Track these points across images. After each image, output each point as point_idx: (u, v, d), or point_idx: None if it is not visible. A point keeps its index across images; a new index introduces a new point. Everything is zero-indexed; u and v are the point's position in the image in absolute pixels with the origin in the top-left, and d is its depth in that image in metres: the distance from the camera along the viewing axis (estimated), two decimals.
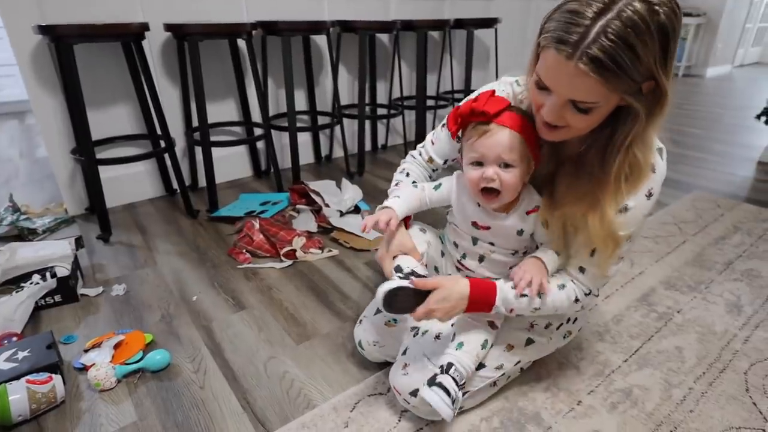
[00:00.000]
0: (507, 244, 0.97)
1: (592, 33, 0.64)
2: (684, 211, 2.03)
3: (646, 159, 0.77)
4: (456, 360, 0.92)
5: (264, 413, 1.03)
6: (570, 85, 0.69)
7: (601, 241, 0.81)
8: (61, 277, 1.39)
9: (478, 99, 0.85)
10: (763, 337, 1.26)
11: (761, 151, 2.74)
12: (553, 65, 0.69)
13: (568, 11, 0.66)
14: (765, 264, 1.62)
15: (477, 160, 0.87)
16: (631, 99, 0.69)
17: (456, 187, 0.99)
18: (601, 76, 0.65)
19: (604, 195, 0.79)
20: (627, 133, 0.73)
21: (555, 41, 0.67)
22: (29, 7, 1.71)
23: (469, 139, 0.87)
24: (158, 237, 1.84)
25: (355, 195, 2.06)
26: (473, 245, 1.00)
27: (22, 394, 0.98)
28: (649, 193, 0.82)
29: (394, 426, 0.99)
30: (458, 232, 1.02)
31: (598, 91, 0.68)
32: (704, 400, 1.05)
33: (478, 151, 0.85)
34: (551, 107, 0.74)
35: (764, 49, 7.46)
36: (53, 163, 1.94)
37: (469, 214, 0.97)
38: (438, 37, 3.03)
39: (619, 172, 0.77)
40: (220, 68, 2.24)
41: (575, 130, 0.77)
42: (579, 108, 0.72)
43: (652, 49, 0.64)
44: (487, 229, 0.95)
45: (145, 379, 1.13)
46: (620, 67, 0.64)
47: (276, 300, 1.44)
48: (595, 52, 0.63)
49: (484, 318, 0.97)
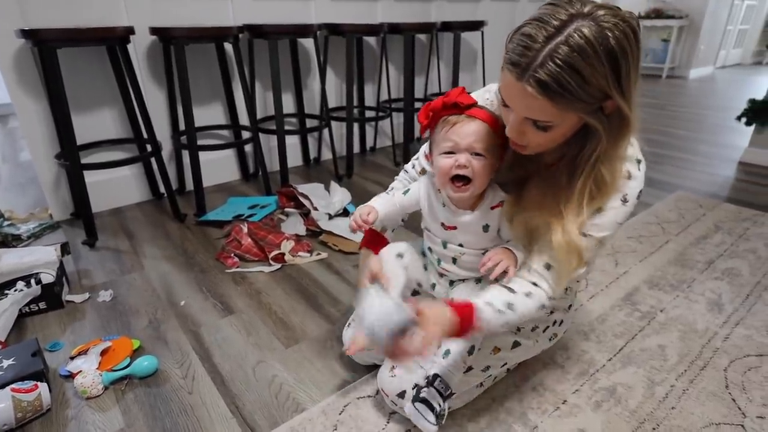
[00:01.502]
0: (476, 243, 0.98)
1: (540, 57, 0.66)
2: (667, 211, 2.07)
3: (613, 176, 0.78)
4: (442, 371, 0.92)
5: (253, 417, 1.03)
6: (522, 104, 0.72)
7: (564, 253, 0.81)
8: (46, 284, 1.38)
9: (448, 95, 0.88)
10: (743, 335, 1.29)
11: (742, 151, 2.80)
12: (508, 85, 0.73)
13: (522, 34, 0.69)
14: (745, 263, 1.66)
15: (449, 149, 0.89)
16: (590, 118, 0.71)
17: (424, 189, 1.02)
18: (547, 98, 0.68)
19: (567, 209, 0.80)
20: (592, 151, 0.75)
21: (509, 62, 0.70)
22: (11, 10, 1.69)
23: (441, 131, 0.90)
24: (145, 242, 1.83)
25: (343, 198, 2.07)
26: (444, 249, 1.01)
27: (7, 403, 0.97)
28: (624, 198, 0.82)
29: (383, 428, 0.99)
30: (431, 236, 1.04)
31: (549, 111, 0.70)
32: (685, 398, 1.08)
33: (450, 139, 0.87)
34: (511, 124, 0.77)
35: (745, 51, 7.61)
36: (37, 168, 1.92)
37: (437, 215, 0.99)
38: (425, 40, 3.05)
39: (583, 188, 0.78)
40: (206, 72, 2.23)
41: (539, 146, 0.79)
42: (537, 125, 0.74)
43: (601, 72, 0.66)
44: (454, 228, 0.97)
45: (133, 385, 1.13)
46: (566, 89, 0.66)
47: (265, 304, 1.44)
48: (542, 75, 0.66)
49: None
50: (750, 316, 1.36)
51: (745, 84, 5.68)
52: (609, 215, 0.83)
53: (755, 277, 1.57)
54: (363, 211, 1.00)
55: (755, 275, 1.58)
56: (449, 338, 0.84)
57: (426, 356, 0.79)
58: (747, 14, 6.98)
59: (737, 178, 2.51)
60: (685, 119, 3.82)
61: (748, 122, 2.66)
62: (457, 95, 0.87)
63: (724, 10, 6.27)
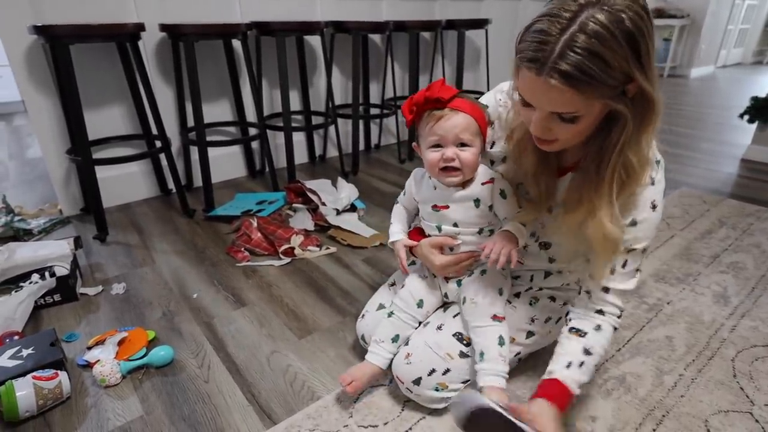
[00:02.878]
0: (469, 219, 1.00)
1: (558, 48, 0.66)
2: (672, 207, 2.08)
3: (640, 162, 0.78)
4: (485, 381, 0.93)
5: (269, 405, 1.05)
6: (546, 98, 0.72)
7: (600, 245, 0.82)
8: (60, 277, 1.40)
9: (430, 88, 0.91)
10: (749, 326, 1.31)
11: (745, 148, 2.82)
12: (528, 83, 0.73)
13: (535, 31, 0.69)
14: (750, 257, 1.68)
15: (436, 143, 0.93)
16: (615, 103, 0.71)
17: (413, 181, 1.08)
18: (572, 87, 0.67)
19: (600, 199, 0.80)
20: (619, 136, 0.75)
21: (526, 60, 0.70)
22: (22, 7, 1.71)
23: (426, 126, 0.94)
24: (155, 236, 1.85)
25: (350, 193, 2.09)
26: (439, 233, 1.03)
27: (28, 390, 0.99)
28: (653, 205, 0.84)
29: (398, 415, 1.01)
30: (426, 224, 1.06)
31: (574, 101, 0.70)
32: (694, 386, 1.09)
33: (436, 133, 0.92)
34: (537, 121, 0.76)
35: (746, 50, 7.63)
36: (48, 164, 1.94)
37: (428, 199, 1.02)
38: (429, 38, 3.06)
39: (612, 175, 0.78)
40: (214, 68, 2.25)
41: (567, 140, 0.79)
42: (563, 118, 0.74)
43: (621, 54, 0.66)
44: (447, 208, 1.00)
45: (150, 374, 1.15)
46: (590, 76, 0.66)
47: (276, 296, 1.46)
48: (563, 66, 0.66)
49: (487, 312, 0.98)
50: (756, 308, 1.38)
51: (746, 83, 5.70)
52: (644, 227, 0.85)
53: (760, 270, 1.59)
54: (402, 257, 1.08)
55: (760, 269, 1.59)
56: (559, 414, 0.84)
57: None
58: (748, 14, 7.00)
59: (740, 174, 2.53)
60: (687, 117, 3.84)
61: (750, 120, 2.68)
62: (438, 89, 0.90)
63: (725, 10, 6.29)
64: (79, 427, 1.00)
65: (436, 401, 0.99)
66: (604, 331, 0.89)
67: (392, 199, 1.09)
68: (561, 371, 0.87)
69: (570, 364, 0.87)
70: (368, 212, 2.05)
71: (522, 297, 1.08)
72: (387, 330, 1.05)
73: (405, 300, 1.07)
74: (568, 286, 1.10)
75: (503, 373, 0.94)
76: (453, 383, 0.98)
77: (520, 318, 1.06)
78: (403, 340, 1.05)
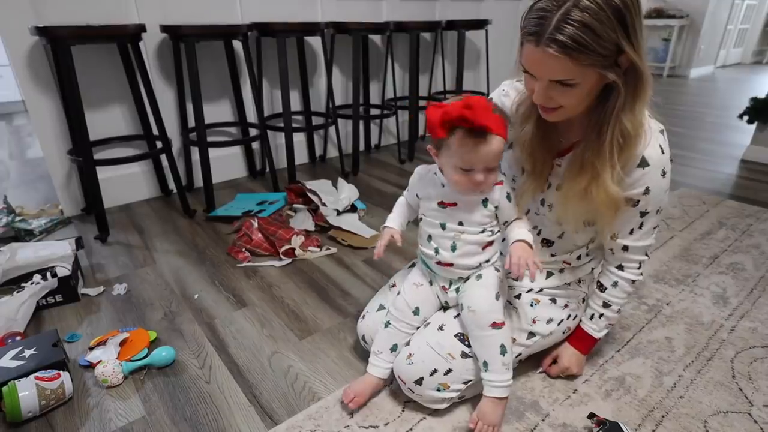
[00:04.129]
0: (474, 219, 0.99)
1: (554, 21, 0.75)
2: (671, 208, 2.09)
3: (635, 128, 0.86)
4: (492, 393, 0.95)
5: (271, 406, 1.06)
6: (545, 67, 0.80)
7: (605, 206, 0.91)
8: (62, 277, 1.40)
9: (472, 108, 0.85)
10: (748, 327, 1.31)
11: (744, 149, 2.83)
12: (529, 54, 0.81)
13: (536, 9, 0.79)
14: (749, 258, 1.68)
15: (466, 168, 0.91)
16: (608, 72, 0.79)
17: (417, 178, 1.07)
18: (566, 55, 0.76)
19: (602, 163, 0.88)
20: (614, 104, 0.83)
21: (528, 34, 0.80)
22: (24, 8, 1.71)
23: (459, 148, 0.89)
24: (156, 237, 1.85)
25: (351, 194, 2.09)
26: (443, 230, 1.01)
27: (31, 391, 1.00)
28: (663, 171, 0.92)
29: (398, 415, 1.02)
30: (429, 221, 1.04)
31: (569, 68, 0.78)
32: (693, 387, 1.10)
33: (469, 162, 0.90)
34: (539, 90, 0.85)
35: (745, 50, 7.64)
36: (49, 164, 1.94)
37: (434, 196, 1.02)
38: (430, 39, 3.07)
39: (612, 140, 0.86)
40: (215, 69, 2.25)
41: (568, 108, 0.86)
42: (563, 84, 0.81)
43: (610, 27, 0.74)
44: (454, 205, 0.99)
45: (152, 375, 1.15)
46: (582, 45, 0.75)
47: (277, 297, 1.47)
48: (558, 36, 0.75)
49: (486, 320, 0.97)
50: (755, 310, 1.39)
51: (746, 83, 5.71)
52: (656, 193, 0.93)
53: (759, 271, 1.59)
54: (384, 241, 1.06)
55: (759, 270, 1.60)
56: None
57: None
58: (747, 14, 7.01)
59: (739, 175, 2.54)
60: (686, 118, 3.85)
61: (750, 120, 2.69)
62: (483, 114, 0.85)
63: (725, 10, 6.30)
64: (82, 427, 1.00)
65: (438, 401, 0.99)
66: (621, 286, 1.05)
67: (392, 200, 1.09)
68: (585, 321, 1.12)
69: (592, 316, 1.10)
70: (368, 213, 2.06)
71: (523, 298, 1.09)
72: (385, 340, 1.06)
73: (401, 309, 1.07)
74: (568, 285, 1.11)
75: (506, 382, 0.96)
76: (455, 383, 0.98)
77: (522, 319, 1.07)
78: (401, 348, 1.05)
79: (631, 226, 0.98)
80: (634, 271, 1.04)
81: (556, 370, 1.12)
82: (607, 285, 1.06)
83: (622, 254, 1.03)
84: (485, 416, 0.94)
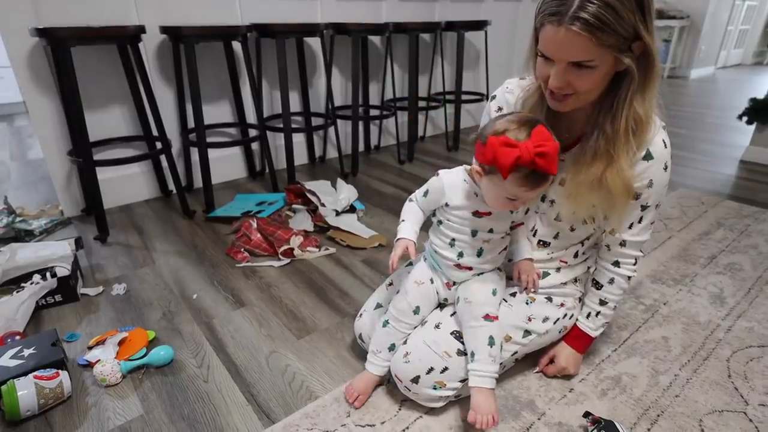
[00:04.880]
0: (503, 226, 1.03)
1: (576, 1, 0.77)
2: (669, 208, 2.09)
3: (647, 114, 0.88)
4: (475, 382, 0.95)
5: (268, 405, 1.06)
6: (565, 47, 0.81)
7: (620, 193, 0.92)
8: (61, 277, 1.41)
9: (546, 156, 0.83)
10: (745, 327, 1.32)
11: (743, 150, 2.83)
12: (549, 35, 0.82)
13: None
14: (747, 258, 1.68)
15: (513, 199, 0.93)
16: (623, 56, 0.81)
17: (445, 186, 1.01)
18: (589, 33, 0.77)
19: (616, 149, 0.90)
20: (626, 92, 0.85)
21: (548, 16, 0.81)
22: (24, 9, 1.72)
23: (517, 185, 0.88)
24: (156, 237, 1.86)
25: (350, 194, 2.10)
26: (473, 238, 1.01)
27: (30, 390, 1.00)
28: (665, 165, 0.95)
29: (395, 414, 1.02)
30: (455, 227, 1.02)
31: (590, 48, 0.79)
32: (689, 386, 1.10)
33: (521, 197, 0.92)
34: (556, 73, 0.85)
35: (746, 51, 7.64)
36: (49, 165, 1.95)
37: (468, 206, 1.00)
38: (429, 39, 3.07)
39: (626, 126, 0.88)
40: (215, 70, 2.26)
41: (582, 94, 0.87)
42: (581, 66, 0.82)
43: (629, 7, 0.77)
44: (489, 214, 1.00)
45: (150, 374, 1.16)
46: (605, 23, 0.76)
47: (275, 297, 1.47)
48: (582, 14, 0.76)
49: (479, 312, 0.99)
50: (752, 309, 1.39)
51: (746, 84, 5.70)
52: (658, 187, 0.96)
53: (757, 271, 1.59)
54: (398, 253, 0.99)
55: (757, 270, 1.60)
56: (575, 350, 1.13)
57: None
58: (748, 14, 7.01)
59: (738, 176, 2.54)
60: (686, 119, 3.85)
61: (749, 121, 2.69)
62: (552, 160, 0.84)
63: (725, 11, 6.30)
64: (80, 426, 1.01)
65: (434, 400, 1.00)
66: (617, 283, 1.07)
67: (391, 201, 1.06)
68: (582, 320, 1.13)
69: (589, 314, 1.11)
70: (367, 213, 2.06)
71: (518, 296, 1.09)
72: (383, 339, 1.06)
73: (401, 309, 1.05)
74: (564, 285, 1.11)
75: (492, 373, 0.95)
76: (451, 382, 0.98)
77: (516, 316, 1.06)
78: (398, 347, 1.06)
79: (631, 219, 1.00)
80: (629, 267, 1.06)
81: (553, 369, 1.12)
82: (603, 282, 1.08)
83: (618, 249, 1.04)
84: (480, 407, 0.93)
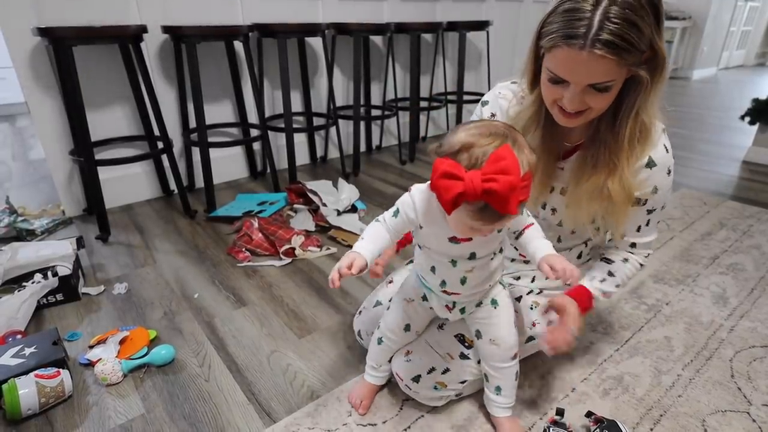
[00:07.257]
0: (489, 248, 0.85)
1: (596, 21, 0.71)
2: (672, 209, 2.09)
3: (652, 121, 0.86)
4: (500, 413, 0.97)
5: (269, 404, 1.06)
6: (587, 70, 0.75)
7: (622, 202, 0.90)
8: (62, 276, 1.41)
9: (497, 194, 0.64)
10: (747, 327, 1.31)
11: (746, 150, 2.82)
12: (567, 59, 0.75)
13: (564, 11, 0.74)
14: (749, 258, 1.68)
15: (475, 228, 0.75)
16: (638, 69, 0.77)
17: (419, 207, 0.82)
18: (615, 55, 0.72)
19: (620, 159, 0.87)
20: (634, 101, 0.81)
21: (564, 38, 0.74)
22: (25, 9, 1.72)
23: (471, 219, 0.72)
24: (157, 237, 1.86)
25: (351, 194, 2.09)
26: (454, 267, 0.85)
27: (31, 389, 1.00)
28: (668, 170, 0.93)
29: (396, 413, 1.02)
30: (432, 255, 0.87)
31: (613, 70, 0.75)
32: (692, 386, 1.10)
33: (481, 229, 0.75)
34: (572, 96, 0.79)
35: (748, 52, 7.62)
36: (51, 165, 1.95)
37: (442, 234, 0.82)
38: (431, 40, 3.07)
39: (632, 137, 0.85)
40: (216, 70, 2.26)
41: (595, 111, 0.83)
42: (598, 89, 0.78)
43: (648, 22, 0.72)
44: (469, 240, 0.82)
45: (151, 373, 1.15)
46: (629, 42, 0.71)
47: (276, 296, 1.47)
48: (606, 36, 0.71)
49: (508, 355, 0.94)
50: (755, 310, 1.39)
51: (748, 85, 5.69)
52: (662, 192, 0.94)
53: (759, 272, 1.59)
54: (344, 263, 0.77)
55: (759, 270, 1.60)
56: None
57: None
58: (750, 16, 7.00)
59: (741, 176, 2.53)
60: (688, 119, 3.84)
61: (751, 122, 2.68)
62: (512, 200, 0.65)
63: (727, 12, 6.28)
64: (81, 425, 1.01)
65: (435, 399, 1.00)
66: (630, 263, 1.03)
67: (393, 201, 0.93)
68: (585, 281, 1.01)
69: (593, 278, 1.02)
70: (369, 213, 2.06)
71: (523, 301, 1.09)
72: (380, 356, 1.04)
73: (391, 328, 1.01)
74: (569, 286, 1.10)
75: (513, 402, 0.97)
76: (452, 383, 0.98)
77: (522, 322, 1.06)
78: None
79: (639, 223, 0.99)
80: (642, 257, 1.05)
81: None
82: (615, 259, 1.03)
83: (629, 249, 1.04)
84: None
